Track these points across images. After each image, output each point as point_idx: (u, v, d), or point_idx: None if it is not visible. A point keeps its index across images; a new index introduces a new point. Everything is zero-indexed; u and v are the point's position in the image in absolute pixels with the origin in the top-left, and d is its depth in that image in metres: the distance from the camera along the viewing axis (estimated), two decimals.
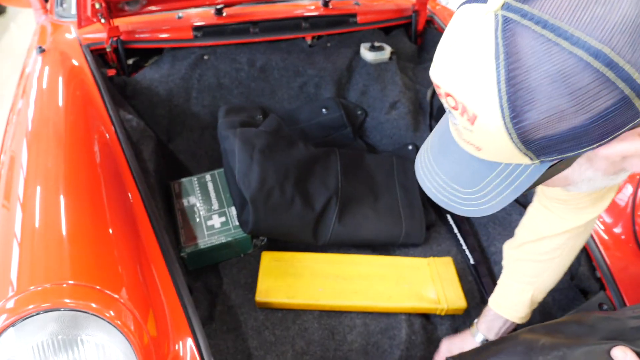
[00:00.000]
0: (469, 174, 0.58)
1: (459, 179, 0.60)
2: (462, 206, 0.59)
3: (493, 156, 0.53)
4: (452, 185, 0.60)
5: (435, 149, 0.65)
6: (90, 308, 0.74)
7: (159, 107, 1.54)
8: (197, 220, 1.24)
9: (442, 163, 0.62)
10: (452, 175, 0.60)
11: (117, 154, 1.13)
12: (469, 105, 0.46)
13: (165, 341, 0.82)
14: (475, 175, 0.58)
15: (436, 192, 0.62)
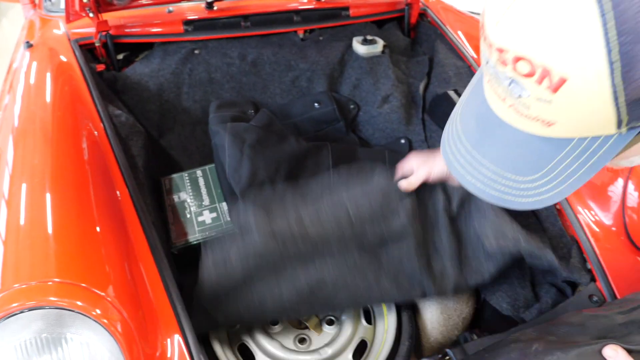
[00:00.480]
0: (528, 158, 0.50)
1: (514, 166, 0.51)
2: (519, 198, 0.51)
3: (569, 130, 0.44)
4: (506, 175, 0.51)
5: (472, 135, 0.55)
6: (76, 306, 0.73)
7: (150, 102, 1.53)
8: (187, 216, 1.23)
9: (488, 150, 0.53)
10: (505, 163, 0.51)
11: (105, 150, 1.12)
12: (556, 66, 0.38)
13: (153, 339, 0.81)
14: (537, 158, 0.49)
15: (483, 187, 0.53)
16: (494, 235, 1.04)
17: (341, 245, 1.08)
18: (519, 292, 1.14)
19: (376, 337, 1.13)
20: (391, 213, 1.12)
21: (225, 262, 1.01)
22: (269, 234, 1.01)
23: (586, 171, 0.47)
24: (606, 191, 1.07)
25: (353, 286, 1.07)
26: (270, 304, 1.03)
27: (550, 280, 1.14)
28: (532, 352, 0.79)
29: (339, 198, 1.10)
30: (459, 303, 1.18)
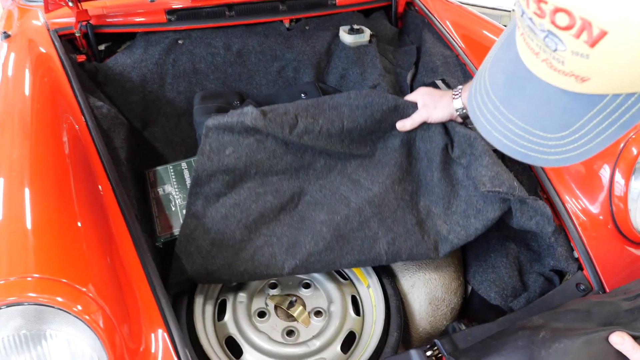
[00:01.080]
0: (558, 115, 0.49)
1: (543, 123, 0.50)
2: (546, 155, 0.50)
3: (603, 86, 0.44)
4: (533, 132, 0.51)
5: (501, 90, 0.54)
6: (56, 302, 0.71)
7: (133, 94, 1.50)
8: (173, 208, 1.21)
9: (517, 106, 0.52)
10: (534, 119, 0.50)
11: (86, 142, 1.09)
12: (597, 19, 0.37)
13: (137, 334, 0.80)
14: (567, 115, 0.48)
15: (509, 143, 0.52)
16: (490, 178, 1.02)
17: (326, 164, 1.13)
18: (507, 281, 1.14)
19: (364, 329, 1.12)
20: (382, 132, 1.14)
21: (219, 152, 1.06)
22: (263, 126, 1.05)
23: (616, 130, 0.46)
24: (593, 180, 1.07)
25: (330, 208, 1.09)
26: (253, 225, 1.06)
27: (537, 269, 1.14)
28: (539, 340, 0.79)
29: (340, 111, 1.10)
30: (448, 293, 1.18)
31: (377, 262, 1.08)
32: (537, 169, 1.14)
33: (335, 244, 1.06)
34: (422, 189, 1.16)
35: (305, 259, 1.05)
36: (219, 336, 1.06)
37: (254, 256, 1.06)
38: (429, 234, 1.10)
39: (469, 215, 1.08)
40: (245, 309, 1.11)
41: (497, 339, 0.83)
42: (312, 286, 1.18)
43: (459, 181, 1.12)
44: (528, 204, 1.02)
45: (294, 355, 1.04)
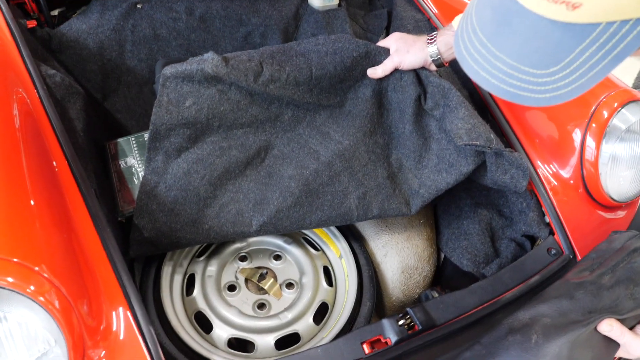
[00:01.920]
0: (548, 49, 0.46)
1: (533, 58, 0.47)
2: (537, 94, 0.48)
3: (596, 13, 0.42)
4: (523, 69, 0.48)
5: (488, 27, 0.51)
6: (8, 283, 0.67)
7: (90, 62, 1.41)
8: (135, 182, 1.16)
9: (504, 43, 0.49)
10: (523, 55, 0.48)
11: (38, 114, 1.02)
12: None
13: (97, 313, 0.76)
14: (558, 48, 0.46)
15: (497, 82, 0.50)
16: (467, 131, 0.99)
17: (294, 116, 1.08)
18: (479, 248, 1.14)
19: (337, 299, 1.11)
20: (352, 81, 1.09)
21: (179, 105, 0.99)
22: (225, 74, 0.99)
23: (609, 62, 0.45)
24: (565, 144, 1.06)
25: (299, 162, 1.05)
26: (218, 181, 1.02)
27: (509, 235, 1.14)
28: (532, 345, 0.77)
29: (308, 58, 1.05)
30: (420, 262, 1.17)
31: (347, 218, 1.04)
32: (507, 132, 1.13)
33: (304, 200, 1.02)
34: (394, 142, 1.12)
35: (273, 216, 1.01)
36: (187, 311, 1.04)
37: (220, 213, 1.01)
38: (400, 188, 1.08)
39: (440, 169, 1.06)
40: (215, 282, 1.09)
41: (486, 346, 0.80)
42: (283, 258, 1.16)
43: (431, 134, 1.09)
44: (504, 156, 1.00)
45: (266, 328, 1.02)
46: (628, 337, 0.77)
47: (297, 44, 1.08)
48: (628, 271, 0.85)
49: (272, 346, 1.00)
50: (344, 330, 1.02)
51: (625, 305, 0.81)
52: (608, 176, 1.03)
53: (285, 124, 1.09)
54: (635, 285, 0.83)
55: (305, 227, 1.05)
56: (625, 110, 1.03)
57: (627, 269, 0.85)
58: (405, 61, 1.06)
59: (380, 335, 0.87)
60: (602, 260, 0.89)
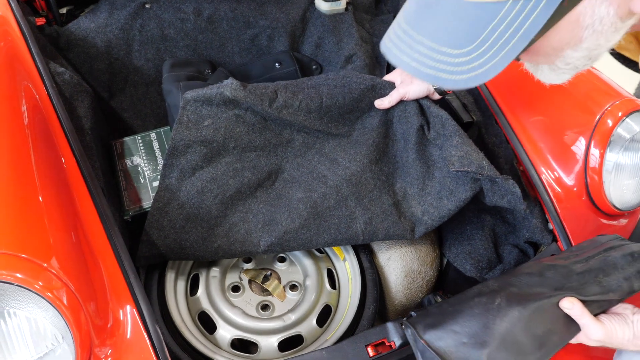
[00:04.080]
0: (464, 27, 0.50)
1: (450, 39, 0.51)
2: (454, 75, 0.51)
3: None
4: (441, 49, 0.51)
5: (411, 16, 0.55)
6: (17, 279, 0.67)
7: (98, 61, 1.42)
8: (141, 181, 1.16)
9: (425, 26, 0.53)
10: (441, 36, 0.51)
11: (47, 112, 1.03)
12: None
13: (104, 311, 0.76)
14: (472, 27, 0.50)
15: (417, 65, 0.53)
16: (459, 158, 1.03)
17: (305, 142, 1.13)
18: (482, 253, 1.14)
19: (340, 302, 1.11)
20: (360, 112, 1.15)
21: (197, 124, 1.04)
22: (242, 97, 1.04)
23: (519, 40, 0.48)
24: (569, 151, 1.06)
25: (308, 186, 1.08)
26: (229, 201, 1.05)
27: (512, 241, 1.15)
28: (494, 307, 0.81)
29: (318, 89, 1.11)
30: (424, 266, 1.17)
31: (353, 241, 1.07)
32: (514, 141, 1.14)
33: (312, 222, 1.04)
34: (399, 171, 1.16)
35: (281, 237, 1.03)
36: (191, 311, 1.04)
37: (229, 232, 1.04)
38: (405, 215, 1.11)
39: (442, 196, 1.08)
40: (219, 283, 1.09)
41: (454, 305, 0.85)
42: (287, 260, 1.16)
43: (434, 162, 1.12)
44: (498, 183, 1.03)
45: (269, 329, 1.02)
46: (587, 319, 0.79)
47: (309, 79, 1.15)
48: (601, 262, 0.88)
49: (276, 348, 1.00)
50: (347, 333, 1.02)
51: (591, 290, 0.84)
52: (611, 184, 1.04)
53: (295, 150, 1.14)
54: (604, 275, 0.86)
55: (311, 248, 1.08)
56: (630, 119, 1.04)
57: (600, 260, 0.89)
58: (410, 92, 1.10)
59: (385, 339, 0.88)
60: (579, 252, 0.92)
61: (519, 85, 1.18)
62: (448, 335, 0.79)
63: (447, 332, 0.79)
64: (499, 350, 0.76)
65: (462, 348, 0.77)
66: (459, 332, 0.79)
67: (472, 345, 0.77)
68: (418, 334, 0.79)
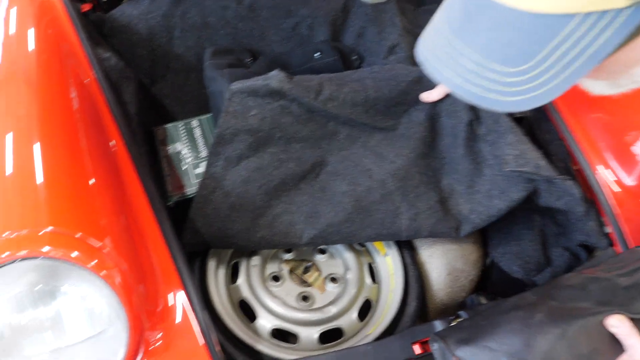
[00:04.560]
0: (519, 43, 0.43)
1: (502, 54, 0.44)
2: (504, 96, 0.44)
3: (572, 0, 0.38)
4: (490, 66, 0.44)
5: (455, 22, 0.48)
6: (72, 257, 0.67)
7: (140, 47, 1.42)
8: (183, 167, 1.16)
9: (473, 37, 0.45)
10: (491, 50, 0.44)
11: (95, 96, 1.03)
12: None
13: (154, 295, 0.76)
14: (530, 42, 0.42)
15: (462, 82, 0.46)
16: (514, 157, 0.99)
17: (350, 135, 1.12)
18: (531, 254, 1.11)
19: (381, 297, 1.09)
20: (407, 106, 1.12)
21: (244, 113, 1.03)
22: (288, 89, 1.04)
23: (586, 60, 0.41)
24: (627, 150, 1.02)
25: (352, 179, 1.07)
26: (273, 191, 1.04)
27: (563, 244, 1.11)
28: (535, 323, 0.75)
29: (364, 83, 1.09)
30: (467, 265, 1.15)
31: (396, 237, 1.06)
32: (568, 139, 1.10)
33: (355, 216, 1.03)
34: (446, 167, 1.13)
35: (324, 229, 1.02)
36: (232, 299, 1.03)
37: (273, 223, 1.03)
38: (451, 212, 1.08)
39: (492, 195, 1.05)
40: (259, 272, 1.08)
41: (488, 318, 0.79)
42: (327, 252, 1.15)
43: (484, 159, 1.09)
44: (556, 184, 0.99)
45: (310, 321, 1.01)
46: (635, 339, 0.71)
47: (353, 72, 1.14)
48: None
49: (316, 339, 0.99)
50: (389, 329, 1.00)
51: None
52: None
53: (340, 142, 1.12)
54: None
55: (354, 242, 1.07)
56: None
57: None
58: None
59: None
60: (621, 264, 0.86)
61: None
62: (483, 352, 0.73)
63: (482, 348, 0.73)
64: None
65: None
66: (496, 350, 0.73)
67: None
68: (449, 349, 0.74)
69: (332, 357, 0.83)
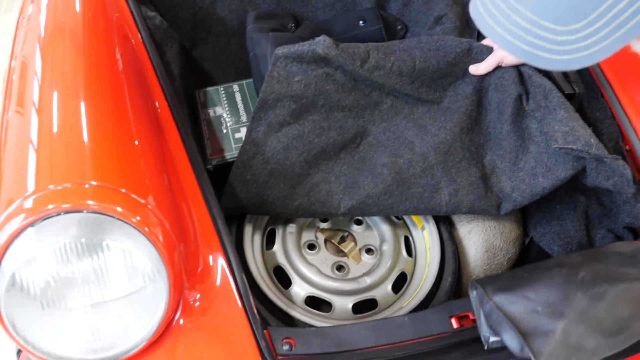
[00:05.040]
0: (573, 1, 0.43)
1: (555, 12, 0.44)
2: (554, 54, 0.44)
3: None
4: (543, 24, 0.45)
5: None
6: (116, 212, 0.68)
7: (182, 9, 1.41)
8: (224, 131, 1.16)
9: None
10: (544, 8, 0.44)
11: (140, 54, 1.03)
12: None
13: (194, 255, 0.77)
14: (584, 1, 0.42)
15: (513, 39, 0.47)
16: (563, 134, 0.95)
17: (393, 106, 1.09)
18: (573, 235, 1.07)
19: (417, 271, 1.08)
20: (453, 78, 1.08)
21: (288, 79, 1.02)
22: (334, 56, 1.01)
23: (637, 24, 0.41)
24: None
25: (393, 151, 1.05)
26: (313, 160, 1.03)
27: (607, 225, 1.07)
28: (577, 280, 0.75)
29: (411, 53, 1.06)
30: (506, 243, 1.12)
31: (435, 212, 1.04)
32: (621, 117, 1.04)
33: (395, 188, 1.01)
34: (490, 142, 1.09)
35: (362, 201, 1.01)
36: (267, 265, 1.04)
37: (311, 192, 1.02)
38: (492, 189, 1.05)
39: (536, 173, 1.01)
40: (295, 240, 1.08)
41: (531, 272, 0.79)
42: (364, 223, 1.14)
43: (530, 136, 1.05)
44: (606, 163, 0.94)
45: (344, 290, 1.01)
46: None
47: (400, 42, 1.10)
48: None
49: (349, 309, 0.99)
50: (423, 303, 0.99)
51: None
52: None
53: (383, 113, 1.10)
54: None
55: (391, 215, 1.06)
56: None
57: None
58: (508, 57, 1.01)
59: (470, 312, 0.84)
60: None
61: (633, 54, 1.07)
62: (521, 300, 0.73)
63: (520, 297, 0.74)
64: (577, 324, 0.71)
65: (535, 316, 0.72)
66: (534, 300, 0.73)
67: (547, 315, 0.71)
68: (487, 295, 0.74)
69: (368, 326, 0.82)
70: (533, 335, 0.70)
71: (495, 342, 0.74)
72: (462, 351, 0.82)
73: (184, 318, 0.75)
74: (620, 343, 0.72)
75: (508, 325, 0.71)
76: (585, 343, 0.70)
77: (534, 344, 0.69)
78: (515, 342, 0.70)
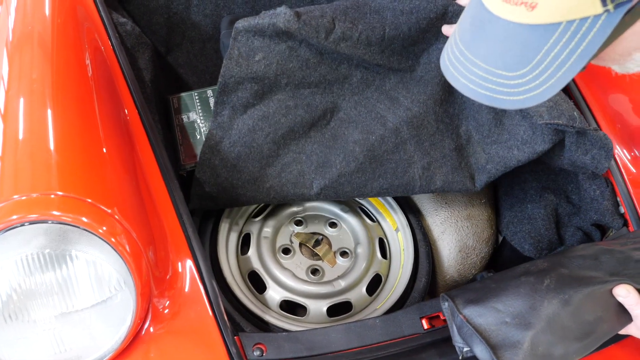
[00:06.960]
0: (517, 50, 0.49)
1: (503, 61, 0.50)
2: (511, 96, 0.50)
3: (553, 12, 0.45)
4: (496, 72, 0.51)
5: (466, 36, 0.55)
6: (81, 222, 0.67)
7: (156, 14, 1.41)
8: (197, 137, 1.15)
9: (479, 48, 0.53)
10: (495, 59, 0.51)
11: (111, 62, 1.03)
12: None
13: (163, 262, 0.77)
14: (525, 50, 0.49)
15: (475, 87, 0.53)
16: (548, 109, 0.93)
17: (363, 78, 1.05)
18: (543, 234, 1.09)
19: (391, 272, 1.09)
20: (426, 44, 1.03)
21: (248, 58, 0.98)
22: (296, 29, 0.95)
23: (576, 60, 0.47)
24: None
25: (365, 127, 1.02)
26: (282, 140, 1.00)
27: (576, 223, 1.09)
28: (543, 288, 0.77)
29: (382, 15, 1.00)
30: (479, 242, 1.13)
31: (409, 188, 1.02)
32: (588, 118, 1.06)
33: (367, 166, 1.00)
34: (465, 112, 1.07)
35: (335, 180, 0.99)
36: (242, 270, 1.04)
37: (282, 173, 1.01)
38: (466, 161, 1.04)
39: (511, 146, 1.00)
40: (270, 244, 1.08)
41: (498, 282, 0.80)
42: (338, 226, 1.14)
43: (503, 109, 1.02)
44: (588, 135, 0.93)
45: (319, 293, 1.02)
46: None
47: (372, 1, 1.02)
48: None
49: (324, 312, 1.00)
50: (397, 304, 1.00)
51: None
52: None
53: (353, 87, 1.06)
54: None
55: (365, 195, 1.03)
56: None
57: None
58: None
59: (440, 312, 0.85)
60: (637, 239, 0.87)
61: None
62: (489, 312, 0.75)
63: (489, 309, 0.75)
64: (544, 333, 0.73)
65: (504, 327, 0.73)
66: (502, 311, 0.75)
67: (515, 326, 0.73)
68: (457, 308, 0.76)
69: (339, 329, 0.83)
70: (502, 348, 0.71)
71: (469, 351, 0.75)
72: (433, 351, 0.84)
73: (153, 325, 0.75)
74: (587, 347, 0.74)
75: (478, 339, 0.72)
76: (553, 351, 0.72)
77: (504, 357, 0.71)
78: (486, 355, 0.72)
